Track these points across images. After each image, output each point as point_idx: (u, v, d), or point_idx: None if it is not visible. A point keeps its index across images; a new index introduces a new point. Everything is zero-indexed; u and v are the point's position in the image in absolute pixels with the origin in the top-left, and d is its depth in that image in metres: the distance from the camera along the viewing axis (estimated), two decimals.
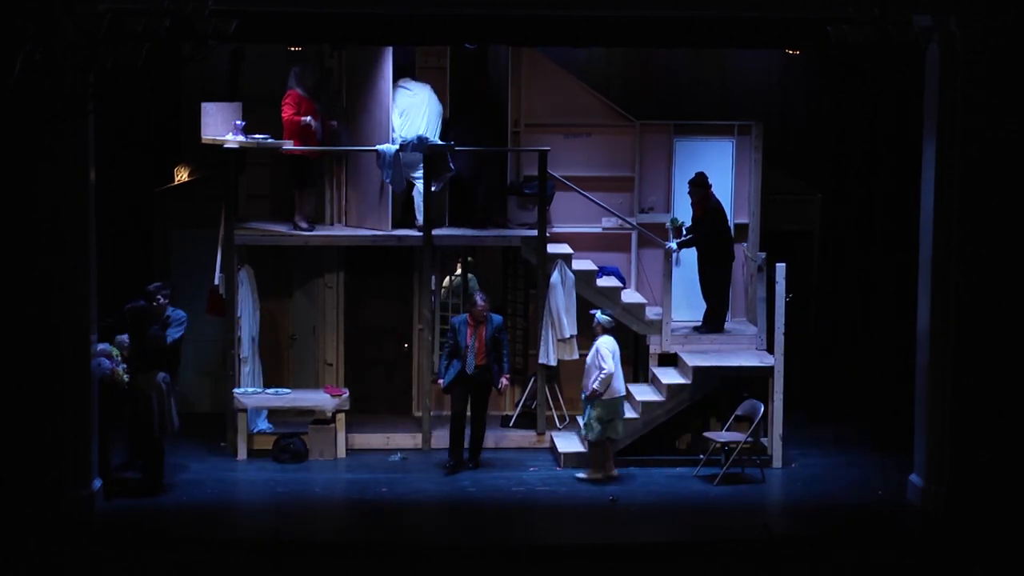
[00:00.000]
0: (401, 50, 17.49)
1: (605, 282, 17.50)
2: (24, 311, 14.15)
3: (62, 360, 14.26)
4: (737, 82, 19.08)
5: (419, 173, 17.08)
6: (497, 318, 16.35)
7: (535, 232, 17.02)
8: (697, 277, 17.37)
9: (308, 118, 16.98)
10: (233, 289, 16.88)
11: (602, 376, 15.72)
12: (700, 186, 17.13)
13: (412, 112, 17.17)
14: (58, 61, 10.82)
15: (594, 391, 15.75)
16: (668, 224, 17.44)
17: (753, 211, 17.88)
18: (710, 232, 17.09)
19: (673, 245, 17.10)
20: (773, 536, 13.97)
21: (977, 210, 14.56)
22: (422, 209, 17.07)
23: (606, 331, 16.07)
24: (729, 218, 17.57)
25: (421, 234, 17.02)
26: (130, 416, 15.27)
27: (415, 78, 17.46)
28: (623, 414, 16.05)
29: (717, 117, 18.26)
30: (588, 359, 16.05)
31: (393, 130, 17.08)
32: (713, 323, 17.33)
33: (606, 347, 15.91)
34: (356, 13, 15.03)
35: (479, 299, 16.28)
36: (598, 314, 16.19)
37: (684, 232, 17.27)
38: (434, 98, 17.32)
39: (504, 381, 16.33)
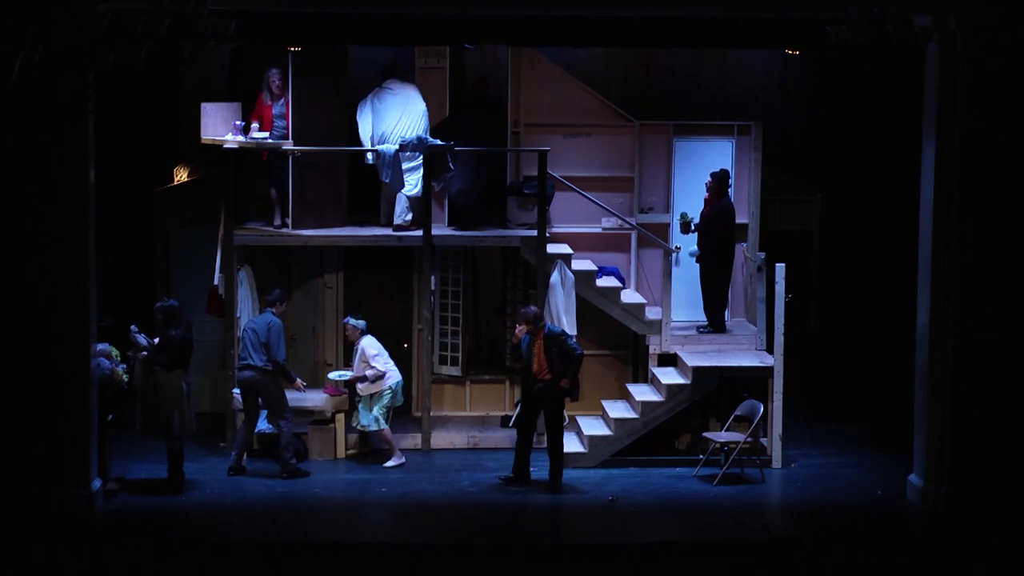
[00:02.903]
0: (392, 49, 17.53)
1: (605, 282, 17.50)
2: (24, 311, 14.15)
3: (62, 360, 14.26)
4: (737, 82, 19.09)
5: (414, 175, 17.18)
6: (555, 328, 15.93)
7: (535, 232, 17.02)
8: (698, 277, 17.42)
9: (254, 123, 16.99)
10: (233, 289, 16.88)
11: (373, 377, 16.34)
12: (718, 182, 17.12)
13: (387, 113, 17.16)
14: (58, 61, 10.82)
15: (375, 392, 16.42)
16: (679, 219, 17.44)
17: (753, 211, 17.88)
18: (715, 230, 17.08)
19: (680, 244, 17.18)
20: (773, 536, 13.96)
21: (977, 210, 14.57)
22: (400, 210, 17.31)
23: (364, 334, 16.53)
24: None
25: (421, 234, 17.04)
26: (154, 416, 15.37)
27: (400, 79, 17.42)
28: (400, 398, 16.72)
29: (717, 117, 18.27)
30: (355, 362, 16.46)
31: (366, 131, 17.28)
32: (716, 322, 17.33)
33: (372, 349, 16.40)
34: (356, 13, 15.04)
35: (525, 311, 15.94)
36: (351, 320, 16.59)
37: (692, 228, 17.28)
38: (417, 99, 17.27)
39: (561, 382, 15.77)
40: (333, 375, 16.86)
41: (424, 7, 14.83)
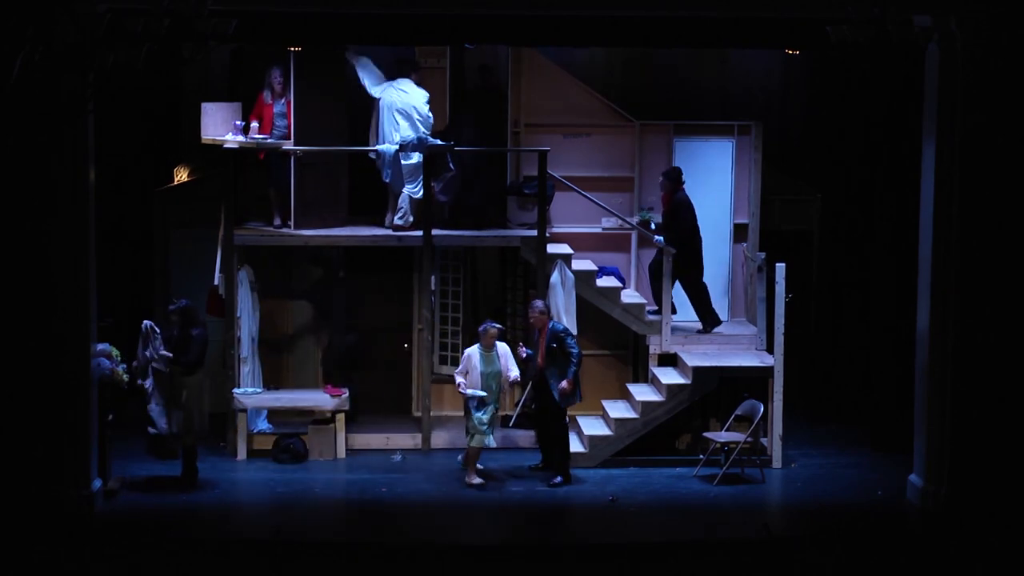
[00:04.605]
0: (392, 49, 17.53)
1: (605, 282, 17.50)
2: (24, 311, 14.16)
3: (62, 360, 14.26)
4: (737, 82, 19.09)
5: (412, 179, 17.19)
6: (558, 326, 16.03)
7: (535, 232, 17.01)
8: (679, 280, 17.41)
9: (253, 123, 16.95)
10: (233, 289, 16.88)
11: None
12: (670, 180, 17.12)
13: (390, 111, 17.17)
14: (58, 61, 10.82)
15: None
16: (637, 218, 17.40)
17: (753, 211, 17.88)
18: (675, 228, 17.06)
19: (661, 239, 17.11)
20: (773, 536, 13.96)
21: (977, 210, 14.57)
22: (404, 209, 17.25)
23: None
24: (728, 217, 17.69)
25: (421, 234, 17.04)
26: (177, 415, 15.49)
27: (415, 80, 17.41)
28: None
29: (717, 117, 18.26)
30: (507, 367, 15.89)
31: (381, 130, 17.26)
32: (709, 319, 17.31)
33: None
34: (356, 13, 15.04)
35: (533, 305, 16.11)
36: (495, 324, 16.10)
37: (652, 226, 17.27)
38: (421, 101, 17.24)
39: (563, 384, 15.78)
40: (478, 393, 15.89)
41: (424, 7, 14.83)
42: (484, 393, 15.75)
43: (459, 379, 15.83)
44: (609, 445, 16.64)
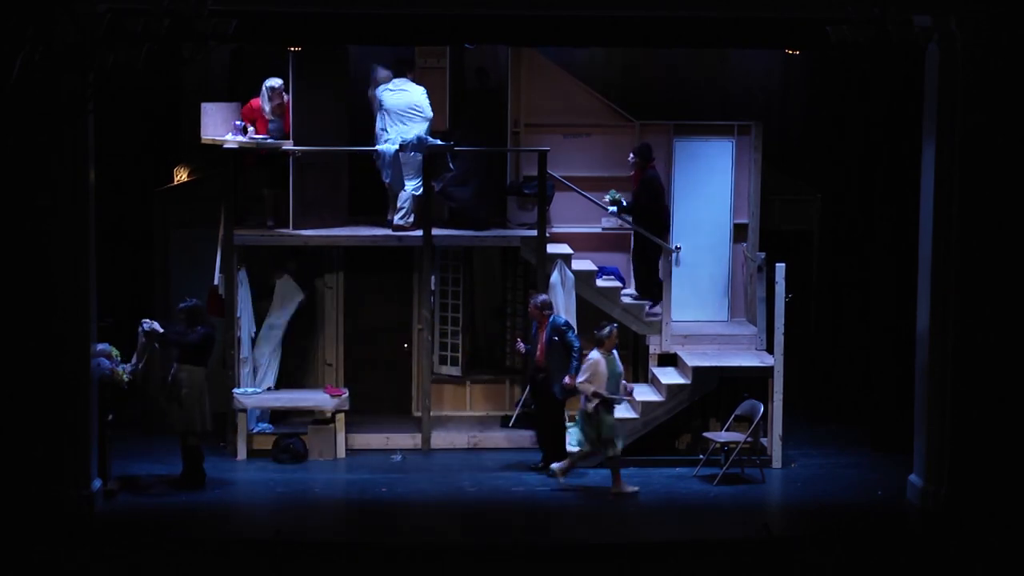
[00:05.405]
0: (392, 49, 17.53)
1: (605, 282, 17.50)
2: (24, 311, 14.16)
3: (62, 360, 14.26)
4: (737, 82, 19.08)
5: (413, 179, 17.18)
6: (559, 319, 16.17)
7: (535, 232, 17.01)
8: (637, 253, 17.45)
9: (249, 125, 16.96)
10: (233, 289, 16.88)
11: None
12: (641, 157, 17.11)
13: (392, 114, 17.16)
14: (58, 61, 10.83)
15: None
16: (607, 197, 17.38)
17: (753, 211, 17.86)
18: (645, 203, 17.08)
19: (613, 209, 17.10)
20: (773, 536, 13.96)
21: (977, 210, 14.57)
22: (403, 208, 17.23)
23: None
24: (728, 217, 17.69)
25: (421, 234, 17.04)
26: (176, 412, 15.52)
27: (412, 79, 17.39)
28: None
29: (717, 117, 18.25)
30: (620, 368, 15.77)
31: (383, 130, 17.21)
32: (651, 292, 17.27)
33: None
34: (356, 13, 15.05)
35: (533, 299, 16.24)
36: (614, 327, 15.93)
37: (623, 204, 17.27)
38: (422, 100, 17.21)
39: (565, 380, 15.83)
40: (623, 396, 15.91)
41: (424, 7, 14.83)
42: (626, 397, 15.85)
43: (591, 387, 15.43)
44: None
